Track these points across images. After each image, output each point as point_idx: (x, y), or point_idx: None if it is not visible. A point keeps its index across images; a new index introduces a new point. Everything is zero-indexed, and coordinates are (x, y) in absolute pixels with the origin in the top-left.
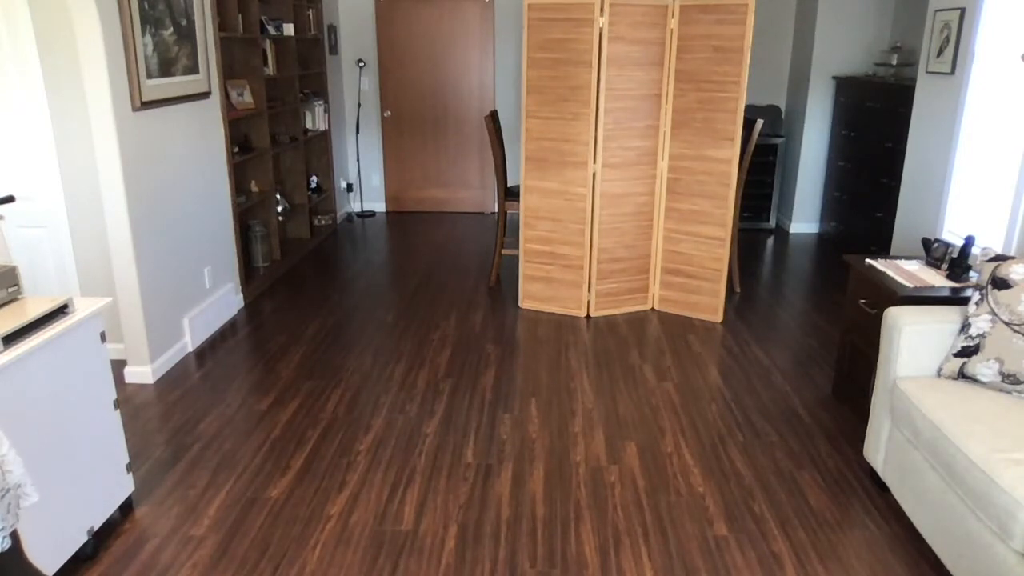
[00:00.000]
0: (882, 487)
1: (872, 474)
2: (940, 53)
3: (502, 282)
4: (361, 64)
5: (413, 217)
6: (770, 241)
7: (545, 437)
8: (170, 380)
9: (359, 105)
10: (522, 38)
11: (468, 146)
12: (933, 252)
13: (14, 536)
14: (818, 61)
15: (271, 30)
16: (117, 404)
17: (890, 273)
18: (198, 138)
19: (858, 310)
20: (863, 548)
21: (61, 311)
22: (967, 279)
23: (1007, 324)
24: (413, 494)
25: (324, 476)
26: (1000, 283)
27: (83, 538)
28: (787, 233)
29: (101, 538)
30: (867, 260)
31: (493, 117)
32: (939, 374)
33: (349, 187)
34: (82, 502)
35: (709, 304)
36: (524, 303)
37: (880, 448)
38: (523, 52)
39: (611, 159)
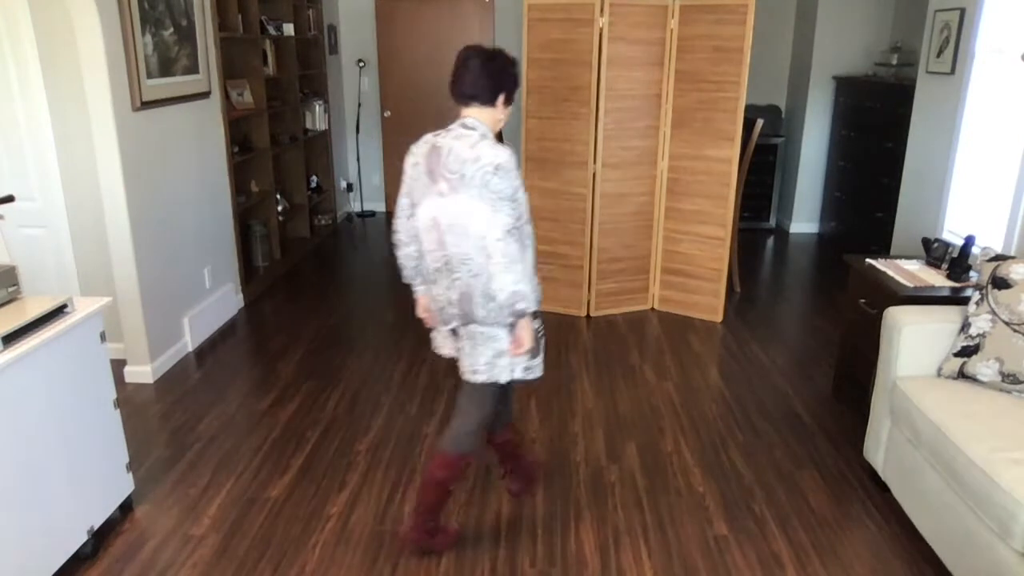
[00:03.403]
0: (882, 487)
1: (872, 474)
2: (940, 53)
3: None
4: (361, 64)
5: None
6: (770, 241)
7: (545, 437)
8: (170, 380)
9: (359, 105)
10: (522, 38)
11: None
12: (933, 252)
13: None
14: (818, 61)
15: (271, 30)
16: (117, 404)
17: (890, 273)
18: (198, 138)
19: (858, 310)
20: (863, 548)
21: (61, 311)
22: (967, 279)
23: (1007, 324)
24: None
25: (324, 476)
26: (1000, 283)
27: (83, 537)
28: (787, 233)
29: (101, 537)
30: (867, 260)
31: None
32: (939, 374)
33: (349, 187)
34: (82, 502)
35: (709, 304)
36: None
37: (880, 448)
38: (523, 52)
39: (611, 159)
